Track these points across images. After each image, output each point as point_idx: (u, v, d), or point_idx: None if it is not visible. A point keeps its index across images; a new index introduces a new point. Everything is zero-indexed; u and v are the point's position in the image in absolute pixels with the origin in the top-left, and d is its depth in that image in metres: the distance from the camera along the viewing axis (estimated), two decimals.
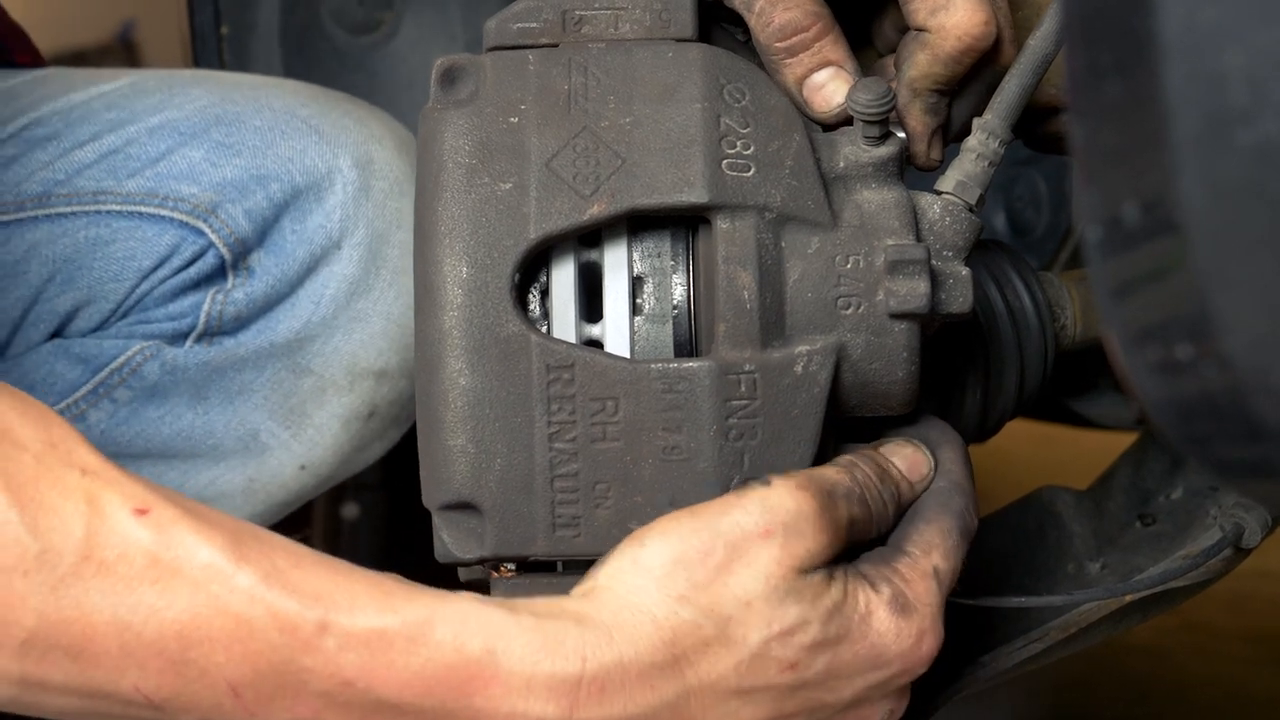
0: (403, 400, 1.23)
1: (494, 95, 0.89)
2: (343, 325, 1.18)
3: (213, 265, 1.17)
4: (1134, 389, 0.61)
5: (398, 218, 1.19)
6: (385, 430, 1.24)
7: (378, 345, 1.19)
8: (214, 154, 1.19)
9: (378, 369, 1.19)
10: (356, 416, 1.21)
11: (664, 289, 0.89)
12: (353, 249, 1.18)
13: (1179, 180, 0.52)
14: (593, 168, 0.87)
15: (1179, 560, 1.08)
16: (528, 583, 0.90)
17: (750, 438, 0.86)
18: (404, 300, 1.19)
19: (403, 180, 1.21)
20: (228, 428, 1.19)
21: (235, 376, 1.18)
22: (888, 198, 0.90)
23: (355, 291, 1.18)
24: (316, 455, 1.21)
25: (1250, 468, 0.59)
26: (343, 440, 1.21)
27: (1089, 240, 0.58)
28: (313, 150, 1.18)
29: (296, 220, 1.17)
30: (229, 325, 1.18)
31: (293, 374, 1.18)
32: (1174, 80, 0.51)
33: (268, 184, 1.17)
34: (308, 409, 1.20)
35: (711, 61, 0.89)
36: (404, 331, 1.20)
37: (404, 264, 1.19)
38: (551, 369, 0.86)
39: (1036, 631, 1.07)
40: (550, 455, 0.86)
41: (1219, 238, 0.53)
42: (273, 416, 1.19)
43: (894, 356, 0.88)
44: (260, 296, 1.17)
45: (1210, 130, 0.51)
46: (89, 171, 1.19)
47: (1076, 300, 1.10)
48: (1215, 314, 0.54)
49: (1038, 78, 0.95)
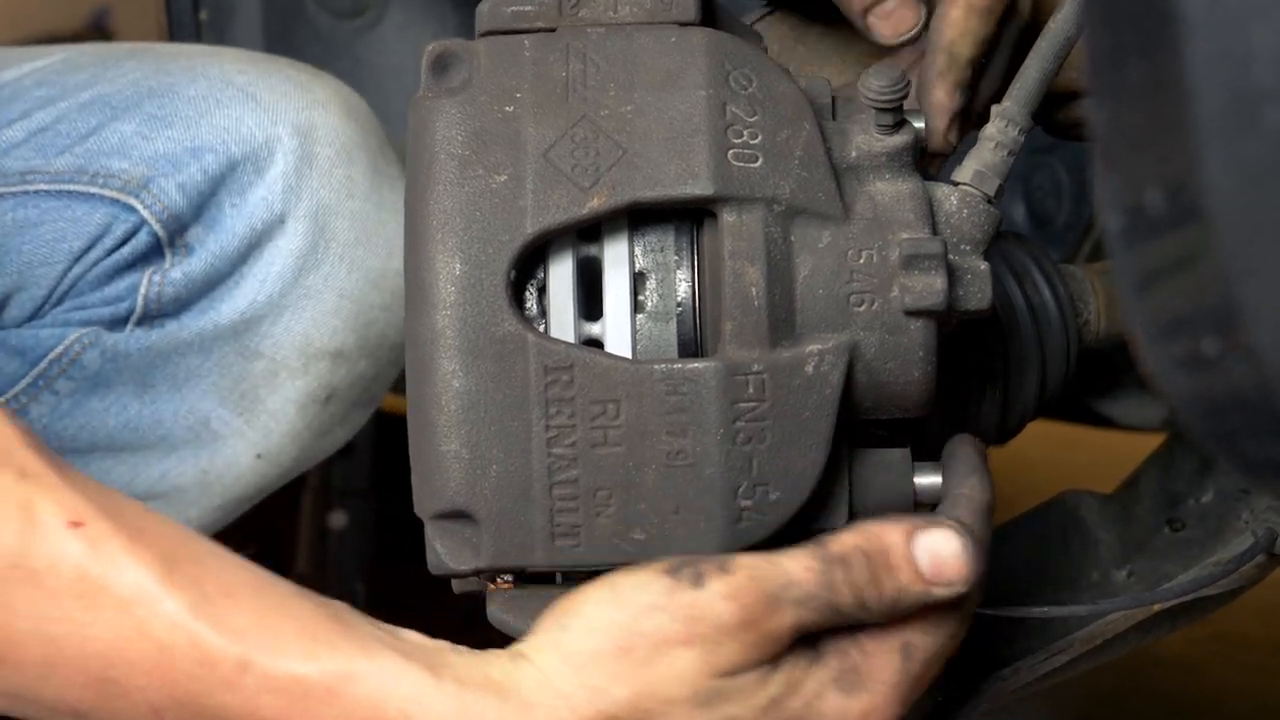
0: (363, 382, 1.22)
1: (488, 83, 0.89)
2: (292, 304, 1.17)
3: (147, 244, 1.16)
4: (1159, 385, 0.61)
5: (346, 186, 1.18)
6: (347, 414, 1.23)
7: (331, 324, 1.18)
8: (145, 127, 1.18)
9: (333, 349, 1.18)
10: (313, 400, 1.20)
11: (667, 286, 0.89)
12: (298, 222, 1.16)
13: (1203, 165, 0.53)
14: (592, 159, 0.87)
15: (1209, 567, 1.08)
16: (525, 595, 0.90)
17: (759, 442, 0.86)
18: (358, 275, 1.18)
19: (350, 146, 1.19)
20: (176, 417, 1.18)
21: (181, 362, 1.17)
22: (902, 189, 0.90)
23: (304, 267, 1.17)
24: (273, 443, 1.20)
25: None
26: (300, 426, 1.20)
27: (1110, 229, 0.58)
28: (249, 119, 1.17)
29: (235, 194, 1.16)
30: (170, 307, 1.16)
31: (242, 357, 1.17)
32: (1197, 60, 0.52)
33: (202, 156, 1.16)
34: (260, 394, 1.19)
35: (716, 46, 0.90)
36: (359, 308, 1.18)
37: (355, 236, 1.18)
38: (549, 370, 0.86)
39: (1060, 644, 1.07)
40: (549, 461, 0.86)
41: (1246, 224, 0.53)
42: (223, 403, 1.18)
43: (910, 356, 0.88)
44: (200, 275, 1.16)
45: (1236, 111, 0.51)
46: (17, 151, 1.18)
47: (1100, 294, 1.10)
48: (1243, 305, 0.54)
49: (1059, 62, 0.96)
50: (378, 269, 1.18)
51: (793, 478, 0.86)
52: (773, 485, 0.86)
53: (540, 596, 0.90)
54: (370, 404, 1.25)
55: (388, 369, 1.23)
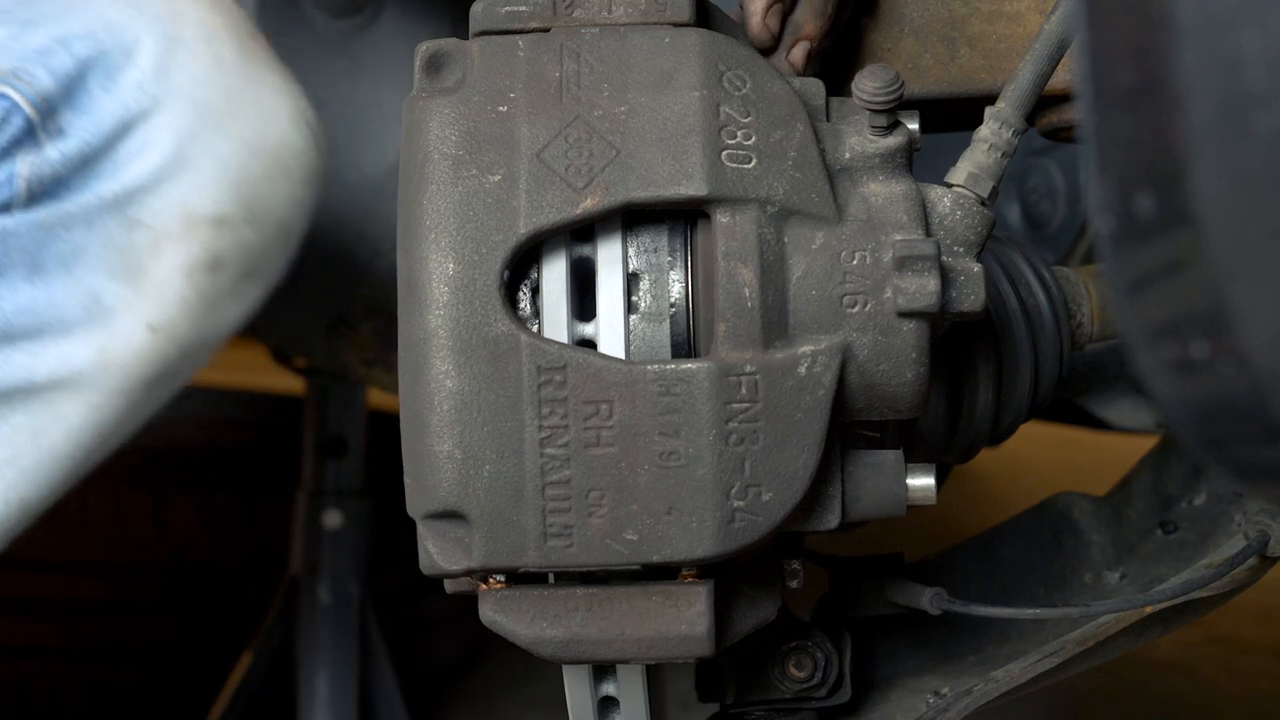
0: (250, 250, 1.24)
1: (482, 83, 0.89)
2: (171, 174, 1.20)
3: (20, 127, 1.18)
4: (1150, 389, 0.61)
5: (215, 63, 1.21)
6: (237, 285, 1.25)
7: (211, 191, 1.20)
8: (18, 29, 1.21)
9: (214, 215, 1.21)
10: (199, 267, 1.22)
11: (661, 286, 0.89)
12: (170, 98, 1.19)
13: (1194, 169, 0.53)
14: (586, 159, 0.87)
15: (1202, 569, 1.08)
16: (518, 595, 0.90)
17: (751, 443, 0.86)
18: (233, 144, 1.21)
19: (215, 28, 1.22)
20: (68, 295, 1.20)
21: (66, 237, 1.20)
22: (896, 190, 0.90)
23: (181, 139, 1.19)
24: (164, 313, 1.22)
25: (1271, 471, 0.59)
26: (189, 295, 1.22)
27: (1102, 232, 0.58)
28: (114, 10, 1.21)
29: (105, 76, 1.19)
30: (50, 187, 1.19)
31: (125, 228, 1.20)
32: (1188, 64, 0.52)
33: (70, 44, 1.20)
34: (146, 264, 1.21)
35: (710, 47, 0.90)
36: (237, 176, 1.21)
37: (228, 107, 1.21)
38: (543, 370, 0.86)
39: (1053, 645, 1.07)
40: (541, 461, 0.86)
41: (1236, 229, 0.53)
42: (112, 276, 1.20)
43: (902, 357, 0.89)
44: (76, 154, 1.19)
45: (1226, 116, 0.52)
46: None
47: (1094, 297, 1.10)
48: (1232, 309, 0.54)
49: (1053, 64, 0.96)
50: (252, 139, 1.21)
51: (785, 479, 0.87)
52: (765, 486, 0.86)
53: (532, 597, 0.90)
54: (259, 278, 1.27)
55: (274, 242, 1.25)
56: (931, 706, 1.07)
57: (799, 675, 1.05)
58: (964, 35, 1.10)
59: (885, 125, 0.91)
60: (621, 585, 0.90)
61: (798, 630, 1.05)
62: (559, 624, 0.89)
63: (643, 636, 0.89)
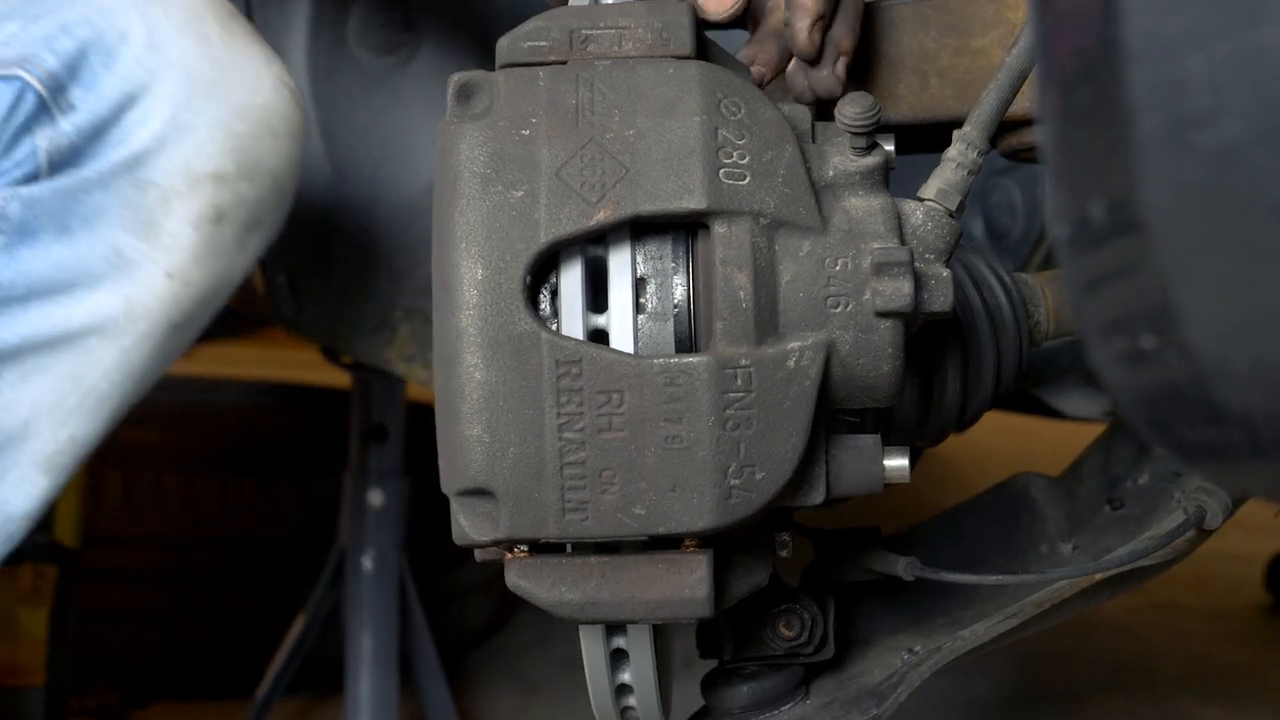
0: (247, 204, 1.25)
1: (507, 109, 0.89)
2: (172, 137, 1.21)
3: (34, 105, 1.20)
4: (1103, 378, 0.60)
5: (202, 38, 1.22)
6: (241, 236, 1.26)
7: (207, 150, 1.22)
8: (25, 22, 1.23)
9: (213, 172, 1.22)
10: (204, 219, 1.23)
11: (665, 289, 0.88)
12: (165, 70, 1.20)
13: (1143, 181, 0.52)
14: (599, 176, 0.86)
15: (1145, 541, 1.07)
16: (539, 563, 0.89)
17: (746, 428, 0.86)
18: (224, 108, 1.22)
19: (199, 8, 1.24)
20: (93, 251, 1.21)
21: (87, 200, 1.21)
22: (874, 204, 0.90)
23: (177, 107, 1.21)
24: (178, 261, 1.23)
25: (1211, 451, 0.58)
26: (198, 244, 1.23)
27: (1059, 238, 0.58)
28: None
29: (104, 55, 1.21)
30: (68, 156, 1.21)
31: (137, 189, 1.21)
32: (1138, 86, 0.51)
33: (71, 29, 1.21)
34: (158, 219, 1.22)
35: (709, 77, 0.89)
36: (230, 135, 1.22)
37: (217, 76, 1.22)
38: (561, 364, 0.85)
39: (1013, 607, 1.06)
40: (560, 444, 0.86)
41: (1181, 236, 0.52)
42: (130, 231, 1.21)
43: (880, 352, 0.88)
44: (87, 126, 1.20)
45: (1172, 133, 0.51)
46: None
47: (1049, 299, 1.10)
48: (1178, 307, 0.53)
49: (1014, 93, 0.95)
50: (242, 103, 1.22)
51: (776, 460, 0.86)
52: (758, 466, 0.86)
53: (552, 564, 0.89)
54: (260, 228, 1.28)
55: (269, 194, 1.26)
56: (905, 662, 1.07)
57: (788, 634, 1.04)
58: (934, 68, 1.09)
59: (864, 146, 0.90)
60: (631, 554, 0.89)
61: (787, 594, 1.04)
62: (576, 589, 0.89)
63: (650, 600, 0.88)
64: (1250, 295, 0.52)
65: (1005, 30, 1.07)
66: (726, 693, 1.06)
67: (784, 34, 1.01)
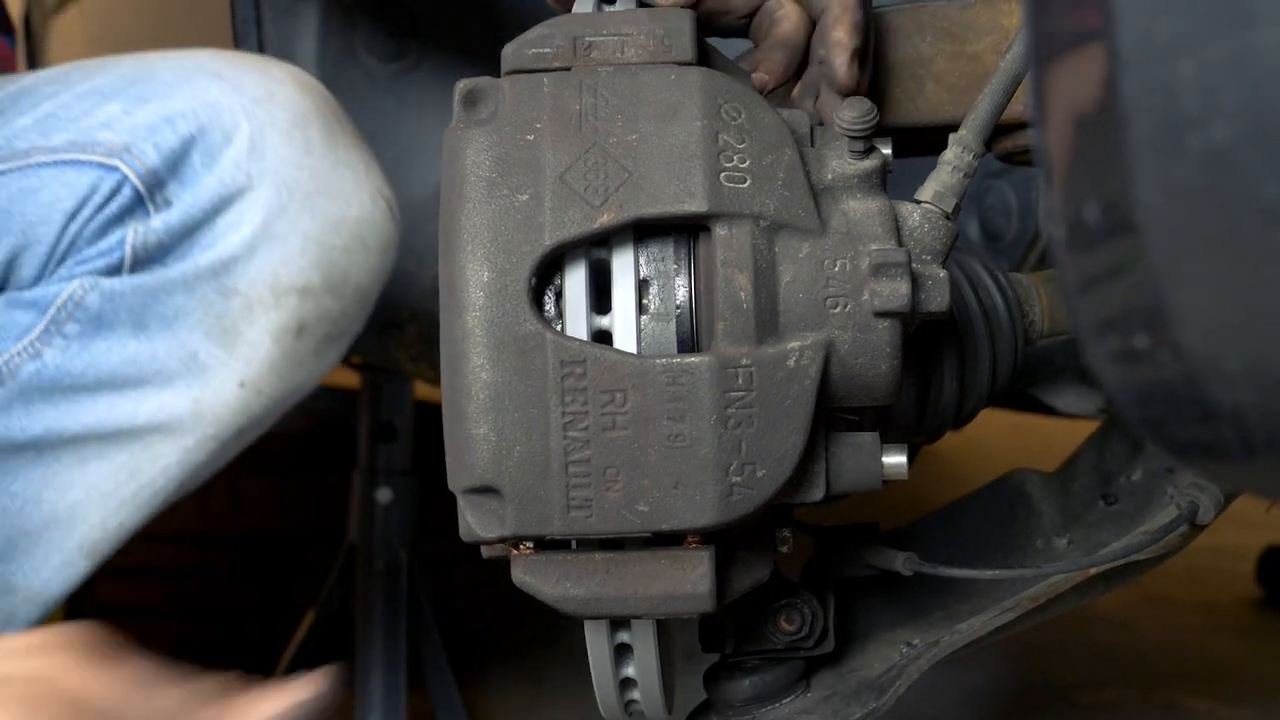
0: (331, 316, 1.22)
1: (512, 115, 0.89)
2: (262, 246, 1.17)
3: (130, 198, 1.17)
4: (1097, 376, 0.60)
5: (304, 145, 1.18)
6: (319, 347, 1.23)
7: (297, 263, 1.18)
8: (129, 105, 1.19)
9: (300, 285, 1.19)
10: (286, 332, 1.20)
11: (668, 290, 0.88)
12: (263, 176, 1.17)
13: (1136, 183, 0.52)
14: (602, 180, 0.86)
15: (1139, 536, 1.07)
16: (545, 559, 0.89)
17: (747, 426, 0.85)
18: (318, 220, 1.18)
19: (306, 112, 1.19)
20: (169, 352, 1.19)
21: (169, 300, 1.18)
22: (871, 206, 0.90)
23: (270, 215, 1.17)
24: (254, 372, 1.20)
25: (1203, 448, 0.58)
26: (276, 356, 1.20)
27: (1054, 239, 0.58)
28: (215, 90, 1.19)
29: (205, 154, 1.17)
30: (155, 253, 1.17)
31: (221, 295, 1.18)
32: (1131, 89, 0.51)
33: (175, 122, 1.18)
34: (239, 327, 1.19)
35: (710, 83, 0.89)
36: (321, 249, 1.19)
37: (315, 187, 1.18)
38: (565, 364, 0.85)
39: (1009, 601, 1.06)
40: (565, 443, 0.85)
41: (1173, 236, 0.52)
42: (208, 337, 1.19)
43: (878, 351, 0.88)
44: (179, 225, 1.17)
45: (1165, 136, 0.51)
46: (25, 135, 1.21)
47: (1043, 299, 1.10)
48: (1170, 307, 0.53)
49: (1009, 96, 0.95)
50: (336, 215, 1.19)
51: (777, 457, 0.86)
52: (759, 464, 0.86)
53: (558, 560, 0.89)
54: (340, 340, 1.24)
55: (353, 307, 1.23)
56: (904, 655, 1.07)
57: (789, 629, 1.04)
58: (930, 73, 1.09)
59: (862, 150, 0.90)
60: (635, 550, 0.89)
61: (788, 589, 1.04)
62: (581, 584, 0.89)
63: (653, 595, 0.88)
64: (1242, 295, 0.52)
65: (1000, 36, 1.07)
66: (729, 686, 1.06)
67: (793, 46, 1.00)
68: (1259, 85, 0.49)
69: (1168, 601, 2.63)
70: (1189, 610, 2.63)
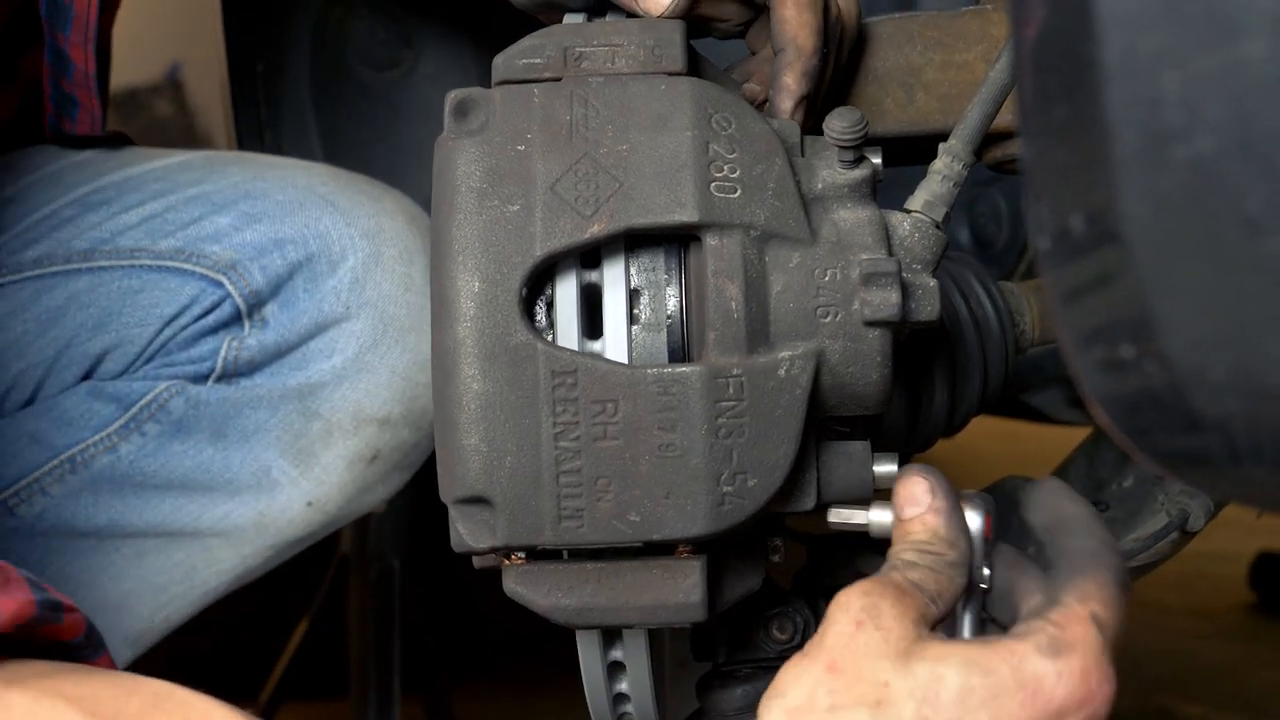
0: (405, 448, 1.23)
1: (502, 125, 0.89)
2: (350, 375, 1.19)
3: (229, 314, 1.18)
4: (1082, 386, 0.60)
5: (405, 281, 1.20)
6: (388, 474, 1.24)
7: (382, 395, 1.20)
8: (239, 221, 1.21)
9: (381, 416, 1.20)
10: (360, 459, 1.21)
11: (659, 300, 0.89)
12: (361, 309, 1.19)
13: (1121, 194, 0.52)
14: (593, 190, 0.87)
15: (1130, 543, 1.08)
16: (536, 569, 0.89)
17: (738, 436, 0.86)
18: (409, 356, 1.20)
19: (412, 249, 1.21)
20: (243, 464, 1.20)
21: (251, 415, 1.19)
22: (862, 216, 0.90)
23: (363, 347, 1.19)
24: (323, 493, 1.21)
25: (1189, 457, 0.59)
26: (347, 481, 1.22)
27: (1040, 250, 0.58)
28: (327, 219, 1.20)
29: (309, 280, 1.19)
30: (245, 368, 1.19)
31: (303, 417, 1.19)
32: (1115, 103, 0.51)
33: (284, 247, 1.19)
34: (316, 450, 1.20)
35: (700, 93, 0.89)
36: (408, 384, 1.20)
37: (410, 323, 1.20)
38: (556, 374, 0.85)
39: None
40: (556, 453, 0.86)
41: (1158, 247, 0.53)
42: (284, 455, 1.19)
43: (869, 361, 0.88)
44: (272, 345, 1.19)
45: (1149, 148, 0.51)
46: (130, 232, 1.22)
47: (1034, 307, 1.10)
48: (1155, 317, 0.53)
49: (998, 106, 0.95)
50: (427, 353, 1.19)
51: (768, 467, 0.86)
52: (751, 473, 0.86)
53: (549, 571, 0.89)
54: (409, 468, 1.26)
55: (426, 440, 1.24)
56: None
57: (781, 637, 1.04)
58: (920, 82, 1.10)
59: (852, 160, 0.90)
60: (626, 560, 0.89)
61: (779, 598, 1.04)
62: (572, 594, 0.89)
63: (645, 604, 0.88)
64: (1226, 305, 0.52)
65: (989, 45, 1.08)
66: (721, 694, 1.06)
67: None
68: (1243, 98, 0.49)
69: (1160, 607, 2.63)
70: (1181, 616, 2.63)
